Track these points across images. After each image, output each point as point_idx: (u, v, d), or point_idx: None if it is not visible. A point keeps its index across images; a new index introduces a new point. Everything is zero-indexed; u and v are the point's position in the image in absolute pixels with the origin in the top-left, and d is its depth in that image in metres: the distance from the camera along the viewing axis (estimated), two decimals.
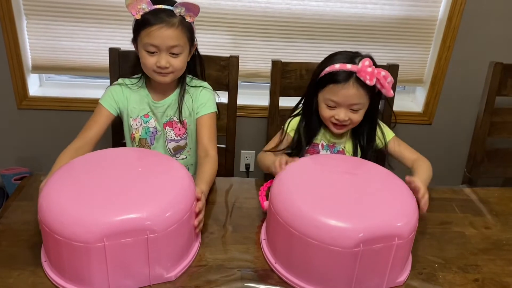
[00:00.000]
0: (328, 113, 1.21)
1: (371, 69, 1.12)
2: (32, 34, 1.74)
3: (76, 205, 0.78)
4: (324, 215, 0.81)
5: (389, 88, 1.16)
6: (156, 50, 1.20)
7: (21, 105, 1.82)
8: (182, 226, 0.84)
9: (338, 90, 1.16)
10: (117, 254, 0.77)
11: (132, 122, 1.33)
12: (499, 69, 1.52)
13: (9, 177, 1.86)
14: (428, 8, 1.80)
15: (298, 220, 0.83)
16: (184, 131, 1.35)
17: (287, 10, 1.75)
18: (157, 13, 1.17)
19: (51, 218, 0.78)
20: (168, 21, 1.17)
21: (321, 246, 0.79)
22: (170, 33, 1.18)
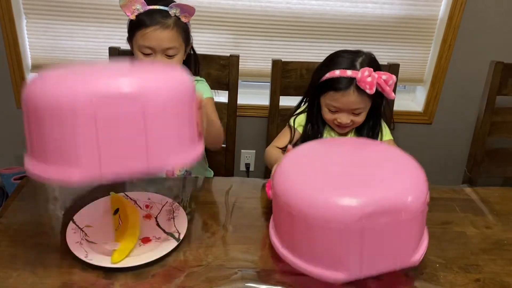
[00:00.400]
0: (330, 116, 1.22)
1: (371, 79, 1.12)
2: (32, 34, 1.73)
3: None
4: (323, 192, 0.77)
5: (390, 91, 1.15)
6: (151, 52, 1.19)
7: (20, 104, 1.81)
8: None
9: (339, 97, 1.17)
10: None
11: None
12: (500, 68, 1.51)
13: (9, 177, 1.86)
14: (428, 7, 1.80)
15: (297, 199, 0.78)
16: None
17: (287, 9, 1.75)
18: (152, 14, 1.16)
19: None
20: (163, 23, 1.16)
21: (321, 225, 0.75)
22: (165, 35, 1.16)
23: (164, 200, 1.05)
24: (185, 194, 1.12)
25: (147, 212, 1.03)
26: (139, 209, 1.03)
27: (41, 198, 1.06)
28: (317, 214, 0.76)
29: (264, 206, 1.10)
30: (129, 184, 1.17)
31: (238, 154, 1.98)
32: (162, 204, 1.04)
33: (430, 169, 2.20)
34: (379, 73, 1.14)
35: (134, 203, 1.04)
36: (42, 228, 0.96)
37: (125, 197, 1.05)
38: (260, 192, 1.16)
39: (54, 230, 0.95)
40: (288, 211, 0.80)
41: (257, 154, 2.00)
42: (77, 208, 1.00)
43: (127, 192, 1.07)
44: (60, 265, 0.85)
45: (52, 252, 0.88)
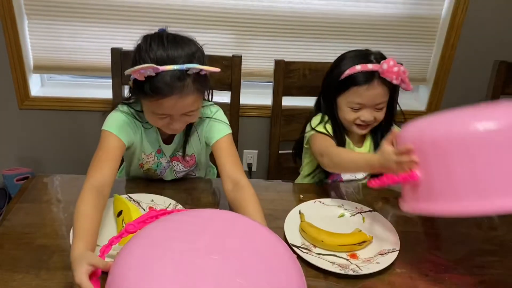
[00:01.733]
0: (353, 116, 1.18)
1: (397, 69, 1.12)
2: (34, 34, 1.73)
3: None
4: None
5: (409, 82, 1.16)
6: (168, 116, 1.01)
7: (22, 105, 1.81)
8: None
9: (363, 91, 1.14)
10: None
11: (143, 156, 1.16)
12: (503, 67, 1.51)
13: (11, 178, 1.86)
14: (431, 7, 1.79)
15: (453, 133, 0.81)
16: (193, 163, 1.22)
17: (289, 9, 1.74)
18: (168, 80, 0.93)
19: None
20: (182, 89, 0.94)
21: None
22: (186, 102, 0.97)
23: (168, 202, 1.05)
24: (189, 195, 1.11)
25: None
26: (143, 211, 1.02)
27: (44, 200, 1.06)
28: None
29: (268, 207, 1.10)
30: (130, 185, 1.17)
31: (241, 154, 1.98)
32: (166, 205, 1.04)
33: None
34: (398, 65, 1.13)
35: (137, 204, 1.04)
36: (46, 230, 0.95)
37: (128, 199, 1.05)
38: (263, 193, 1.16)
39: (58, 233, 0.95)
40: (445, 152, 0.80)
41: (260, 154, 2.00)
42: None
43: (130, 194, 1.07)
44: (64, 268, 0.85)
45: (55, 255, 0.88)
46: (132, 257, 0.64)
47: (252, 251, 0.66)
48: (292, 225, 1.00)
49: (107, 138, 1.04)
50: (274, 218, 1.05)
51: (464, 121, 0.81)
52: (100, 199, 0.92)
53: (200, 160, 1.23)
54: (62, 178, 1.17)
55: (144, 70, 0.91)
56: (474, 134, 0.77)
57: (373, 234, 0.99)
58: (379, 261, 0.90)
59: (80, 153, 1.92)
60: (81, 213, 0.86)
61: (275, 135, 1.55)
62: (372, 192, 1.21)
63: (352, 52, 1.21)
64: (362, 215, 1.07)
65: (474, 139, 0.77)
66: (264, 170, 1.98)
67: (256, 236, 0.70)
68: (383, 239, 0.98)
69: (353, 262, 0.91)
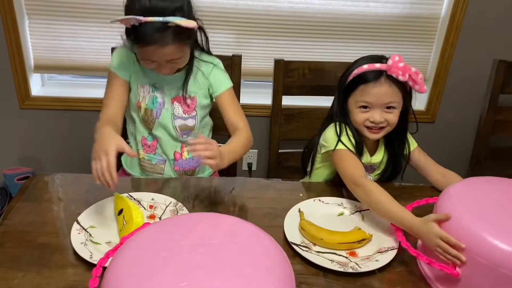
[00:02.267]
0: (362, 117, 1.14)
1: (403, 64, 1.09)
2: (34, 34, 1.73)
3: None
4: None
5: (422, 83, 1.12)
6: (154, 61, 1.13)
7: (23, 105, 1.82)
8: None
9: (370, 89, 1.12)
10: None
11: (140, 89, 1.23)
12: (503, 67, 1.51)
13: (12, 177, 1.86)
14: (431, 6, 1.79)
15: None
16: (193, 109, 1.26)
17: (289, 8, 1.75)
18: (150, 30, 1.03)
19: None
20: (162, 39, 1.05)
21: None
22: (167, 51, 1.08)
23: (168, 201, 1.05)
24: (189, 194, 1.12)
25: (151, 212, 1.03)
26: (143, 209, 1.03)
27: (45, 199, 1.07)
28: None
29: (268, 206, 1.11)
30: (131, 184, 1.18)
31: None
32: (166, 204, 1.04)
33: None
34: (408, 65, 1.11)
35: (138, 203, 1.05)
36: (47, 229, 0.96)
37: (129, 197, 1.06)
38: (263, 192, 1.16)
39: (59, 231, 0.95)
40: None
41: (260, 153, 2.00)
42: (81, 209, 1.00)
43: (131, 193, 1.07)
44: (65, 266, 0.86)
45: (56, 253, 0.89)
46: (124, 257, 0.66)
47: (237, 244, 0.69)
48: (291, 223, 1.00)
49: (111, 78, 1.21)
50: (274, 216, 1.05)
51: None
52: (114, 127, 1.08)
53: (200, 104, 1.27)
54: (63, 177, 1.17)
55: (128, 21, 1.02)
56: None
57: (372, 232, 0.99)
58: (378, 259, 0.91)
59: (81, 153, 1.92)
60: (101, 128, 1.04)
61: (275, 135, 1.55)
62: None
63: (367, 55, 1.18)
64: (362, 213, 1.07)
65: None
66: (264, 170, 1.99)
67: (241, 231, 0.72)
68: (382, 237, 0.98)
69: (352, 260, 0.92)
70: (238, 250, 0.68)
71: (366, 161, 1.21)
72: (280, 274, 0.66)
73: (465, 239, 0.79)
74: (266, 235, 0.73)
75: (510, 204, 0.85)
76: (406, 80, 1.10)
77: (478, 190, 0.90)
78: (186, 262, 0.65)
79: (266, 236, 0.72)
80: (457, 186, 0.93)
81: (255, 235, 0.73)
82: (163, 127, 1.26)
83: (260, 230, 0.74)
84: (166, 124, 1.25)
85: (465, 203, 0.86)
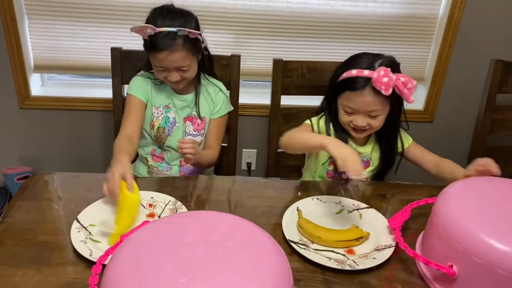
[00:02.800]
0: (346, 119, 1.20)
1: (387, 79, 1.10)
2: (34, 34, 1.74)
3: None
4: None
5: (408, 94, 1.13)
6: (165, 69, 1.26)
7: (23, 104, 1.82)
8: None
9: (355, 97, 1.15)
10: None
11: (154, 111, 1.38)
12: (500, 66, 1.52)
13: (12, 177, 1.87)
14: (428, 6, 1.80)
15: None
16: (202, 127, 1.41)
17: (287, 8, 1.75)
18: (162, 38, 1.21)
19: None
20: (172, 46, 1.21)
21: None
22: (176, 57, 1.23)
23: (167, 199, 1.06)
24: (188, 193, 1.13)
25: (150, 211, 1.04)
26: (142, 208, 1.04)
27: (45, 198, 1.08)
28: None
29: (266, 204, 1.11)
30: None
31: (240, 153, 1.99)
32: (165, 203, 1.05)
33: None
34: (397, 75, 1.11)
35: None
36: (47, 227, 0.97)
37: None
38: (261, 190, 1.17)
39: (59, 229, 0.96)
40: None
41: (259, 153, 2.01)
42: (81, 207, 1.01)
43: None
44: (65, 264, 0.86)
45: (57, 251, 0.90)
46: (124, 254, 0.67)
47: (235, 242, 0.70)
48: (290, 222, 1.01)
49: (128, 100, 1.35)
50: (272, 215, 1.06)
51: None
52: (130, 143, 1.24)
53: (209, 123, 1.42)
54: (63, 176, 1.18)
55: (145, 30, 1.20)
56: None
57: (370, 230, 1.00)
58: (376, 257, 0.91)
59: (80, 152, 1.93)
60: (118, 145, 1.18)
61: (274, 134, 1.56)
62: (369, 189, 1.22)
63: (364, 53, 1.20)
64: (359, 212, 1.08)
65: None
66: (263, 169, 1.99)
67: (240, 229, 0.73)
68: (380, 235, 0.99)
69: (350, 257, 0.92)
70: (237, 248, 0.69)
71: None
72: (278, 271, 0.66)
73: (462, 238, 0.79)
74: (264, 233, 0.73)
75: (508, 204, 0.85)
76: (389, 94, 1.11)
77: (477, 190, 0.90)
78: (186, 259, 0.65)
79: (264, 234, 0.73)
80: (456, 186, 0.93)
81: (253, 233, 0.73)
82: (173, 142, 1.38)
83: (259, 228, 0.74)
84: (176, 140, 1.35)
85: (463, 204, 0.86)
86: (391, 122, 1.23)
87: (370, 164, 1.30)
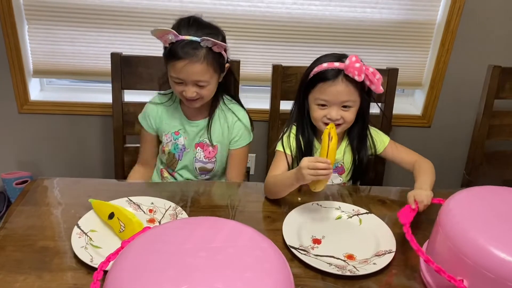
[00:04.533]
0: (320, 113, 1.20)
1: (359, 65, 1.13)
2: (33, 39, 1.74)
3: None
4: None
5: (378, 84, 1.16)
6: (182, 81, 1.19)
7: (22, 109, 1.82)
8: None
9: (327, 87, 1.17)
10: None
11: (164, 137, 1.36)
12: (497, 72, 1.53)
13: (11, 181, 1.87)
14: (426, 12, 1.82)
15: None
16: (213, 155, 1.35)
17: (286, 14, 1.76)
18: (183, 46, 1.14)
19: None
20: (193, 56, 1.14)
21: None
22: (195, 69, 1.15)
23: (168, 205, 1.06)
24: (188, 198, 1.13)
25: (150, 216, 1.04)
26: (143, 213, 1.04)
27: (45, 203, 1.07)
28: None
29: (266, 209, 1.12)
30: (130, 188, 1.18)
31: None
32: (166, 208, 1.05)
33: None
34: (366, 66, 1.15)
35: (138, 207, 1.05)
36: (47, 233, 0.96)
37: (129, 202, 1.06)
38: (261, 196, 1.17)
39: (59, 235, 0.96)
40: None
41: (258, 158, 2.01)
42: (82, 212, 1.01)
43: (130, 197, 1.08)
44: (66, 270, 0.86)
45: (57, 257, 0.89)
46: (125, 260, 0.67)
47: (236, 247, 0.70)
48: (290, 227, 1.01)
49: (141, 132, 1.39)
50: (272, 220, 1.06)
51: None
52: (147, 168, 1.40)
53: (221, 152, 1.36)
54: (62, 181, 1.18)
55: (167, 35, 1.13)
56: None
57: (370, 235, 1.00)
58: (376, 262, 0.92)
59: (79, 157, 1.93)
60: (133, 174, 1.39)
61: (273, 139, 1.56)
62: (368, 194, 1.23)
63: (326, 54, 1.23)
64: (359, 217, 1.08)
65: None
66: (262, 174, 1.99)
67: (241, 235, 0.73)
68: (380, 240, 1.00)
69: (350, 263, 0.93)
70: (237, 254, 0.69)
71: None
72: (279, 277, 0.66)
73: (471, 252, 0.78)
74: (265, 239, 0.74)
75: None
76: (361, 80, 1.15)
77: (480, 200, 0.89)
78: (187, 265, 0.65)
79: (265, 240, 0.73)
80: (460, 197, 0.91)
81: (254, 239, 0.73)
82: (185, 168, 1.37)
83: (259, 234, 0.75)
84: (187, 165, 1.35)
85: (469, 215, 0.84)
86: (361, 116, 1.25)
87: (344, 169, 1.31)
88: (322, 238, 1.00)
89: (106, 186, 1.19)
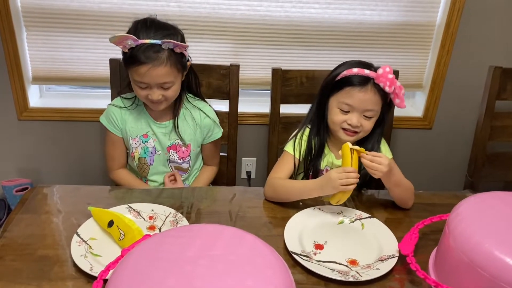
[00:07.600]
0: (340, 118, 1.19)
1: (392, 76, 1.13)
2: (32, 45, 1.74)
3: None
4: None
5: (403, 98, 1.17)
6: (147, 86, 1.18)
7: (21, 116, 1.82)
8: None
9: (355, 93, 1.15)
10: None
11: (131, 142, 1.32)
12: (499, 73, 1.52)
13: (11, 189, 1.86)
14: (426, 14, 1.81)
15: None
16: (187, 154, 1.36)
17: (286, 17, 1.76)
18: (144, 50, 1.12)
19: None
20: (155, 59, 1.13)
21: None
22: (159, 72, 1.14)
23: (168, 211, 1.05)
24: (188, 205, 1.12)
25: (150, 223, 1.03)
26: (143, 220, 1.03)
27: (44, 211, 1.07)
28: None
29: (267, 215, 1.11)
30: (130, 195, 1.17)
31: (239, 162, 1.99)
32: (166, 215, 1.04)
33: (431, 174, 2.21)
34: (394, 75, 1.15)
35: (138, 214, 1.05)
36: (47, 241, 0.96)
37: (129, 208, 1.06)
38: (262, 201, 1.16)
39: (58, 243, 0.95)
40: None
41: (258, 162, 2.00)
42: (81, 220, 1.00)
43: (130, 204, 1.07)
44: (65, 279, 0.85)
45: (57, 266, 0.88)
46: (125, 269, 0.66)
47: (237, 255, 0.69)
48: (291, 232, 1.00)
49: (106, 133, 1.34)
50: (274, 225, 1.05)
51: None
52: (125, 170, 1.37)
53: (195, 150, 1.37)
54: (62, 189, 1.17)
55: (126, 40, 1.12)
56: None
57: (373, 240, 0.99)
58: (379, 267, 0.91)
59: (79, 164, 1.92)
60: (123, 177, 1.35)
61: (273, 143, 1.56)
62: (371, 198, 1.22)
63: (354, 60, 1.22)
64: (362, 222, 1.07)
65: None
66: (263, 178, 1.99)
67: (241, 242, 0.73)
68: (383, 245, 0.99)
69: (353, 268, 0.92)
70: (239, 261, 0.68)
71: (328, 163, 1.27)
72: (281, 284, 0.65)
73: (487, 264, 0.75)
74: (266, 246, 0.73)
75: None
76: (391, 91, 1.15)
77: (489, 209, 0.87)
78: (187, 273, 0.65)
79: (266, 246, 0.72)
80: (468, 203, 0.89)
81: (255, 246, 0.73)
82: (157, 173, 1.37)
83: (260, 241, 0.74)
84: (160, 168, 1.36)
85: (480, 224, 0.82)
86: (377, 126, 1.23)
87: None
88: (324, 244, 0.99)
89: (106, 193, 1.18)
